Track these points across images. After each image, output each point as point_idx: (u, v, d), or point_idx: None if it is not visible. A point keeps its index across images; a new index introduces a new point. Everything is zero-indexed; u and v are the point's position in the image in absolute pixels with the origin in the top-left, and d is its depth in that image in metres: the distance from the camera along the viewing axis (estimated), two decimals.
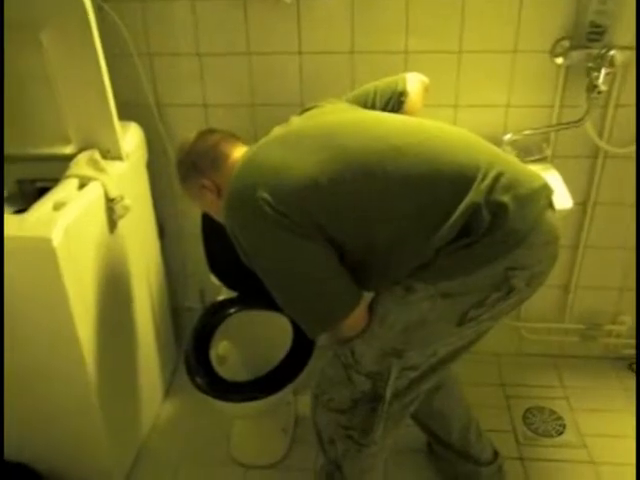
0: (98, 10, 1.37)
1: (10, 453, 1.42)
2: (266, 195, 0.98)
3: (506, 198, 0.95)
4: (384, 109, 1.22)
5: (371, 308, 1.07)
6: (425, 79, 1.30)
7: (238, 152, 1.13)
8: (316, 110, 1.18)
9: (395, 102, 1.23)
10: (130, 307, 1.51)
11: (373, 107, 1.22)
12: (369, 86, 1.27)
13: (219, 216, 1.19)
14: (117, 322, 1.45)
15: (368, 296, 1.08)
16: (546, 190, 1.02)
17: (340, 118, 1.11)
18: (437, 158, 0.99)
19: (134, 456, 1.57)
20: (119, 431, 1.48)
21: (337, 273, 1.01)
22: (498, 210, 0.95)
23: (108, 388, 1.39)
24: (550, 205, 1.03)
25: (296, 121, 1.15)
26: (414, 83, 1.25)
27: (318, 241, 0.99)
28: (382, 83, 1.26)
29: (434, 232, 0.96)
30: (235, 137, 1.20)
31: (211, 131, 1.21)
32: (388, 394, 1.09)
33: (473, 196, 0.95)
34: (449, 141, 1.04)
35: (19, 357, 1.28)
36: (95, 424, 1.38)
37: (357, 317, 1.04)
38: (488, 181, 0.96)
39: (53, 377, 1.31)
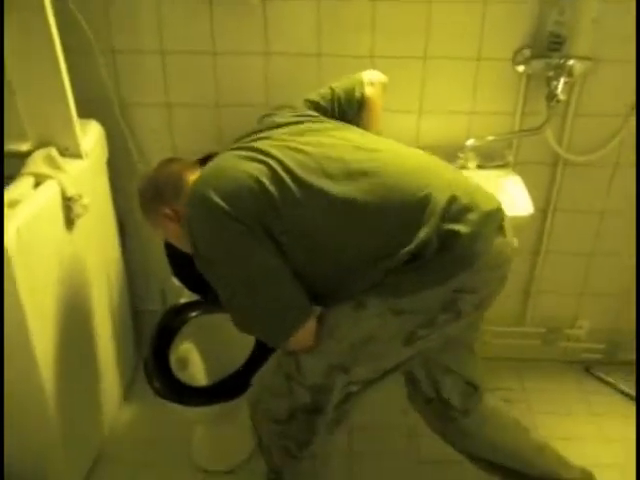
0: (56, 4, 1.33)
1: None
2: (219, 199, 0.99)
3: (457, 226, 0.97)
4: (343, 117, 1.23)
5: (320, 321, 1.06)
6: (383, 78, 1.30)
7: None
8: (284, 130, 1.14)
9: (354, 109, 1.24)
10: (88, 310, 1.47)
11: (333, 115, 1.22)
12: (327, 92, 1.26)
13: (181, 244, 1.20)
14: (74, 326, 1.41)
15: (317, 309, 1.08)
16: (499, 213, 1.03)
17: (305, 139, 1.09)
18: (389, 188, 1.00)
19: (92, 462, 1.53)
20: (76, 436, 1.44)
21: (289, 281, 1.01)
22: (448, 237, 0.97)
23: (64, 393, 1.35)
24: (502, 228, 1.03)
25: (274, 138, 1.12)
26: (372, 86, 1.26)
27: (269, 245, 0.99)
28: (340, 89, 1.26)
29: (384, 260, 0.98)
30: (197, 165, 1.18)
31: (172, 160, 1.23)
32: (329, 408, 1.09)
33: (426, 229, 0.96)
34: (402, 167, 1.04)
35: None
36: (51, 430, 1.34)
37: (306, 331, 1.03)
38: (440, 208, 0.97)
39: (6, 384, 1.26)
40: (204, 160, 1.52)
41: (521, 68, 1.46)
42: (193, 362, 1.48)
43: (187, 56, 1.54)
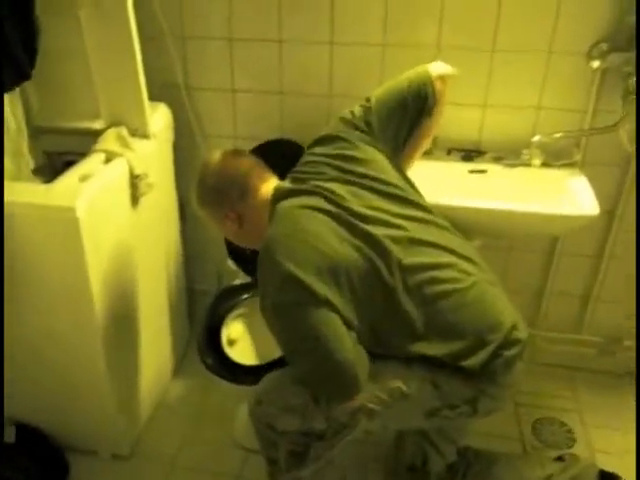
0: None
1: (22, 415, 1.46)
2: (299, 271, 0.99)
3: (507, 352, 1.04)
4: (413, 124, 1.19)
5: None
6: (452, 70, 1.22)
7: (268, 186, 1.13)
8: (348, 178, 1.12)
9: (425, 114, 1.19)
10: (146, 283, 1.53)
11: (400, 122, 1.18)
12: (394, 97, 1.18)
13: (237, 242, 1.23)
14: (132, 296, 1.47)
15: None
16: (527, 341, 1.10)
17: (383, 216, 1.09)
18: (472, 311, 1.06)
19: (140, 429, 1.60)
20: (127, 403, 1.51)
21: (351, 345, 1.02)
22: (495, 358, 1.04)
23: (118, 360, 1.41)
24: (522, 355, 1.09)
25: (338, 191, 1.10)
26: (442, 81, 1.19)
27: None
28: (409, 93, 1.17)
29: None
30: (262, 166, 1.18)
31: (238, 154, 1.20)
32: (337, 445, 1.10)
33: (485, 353, 1.03)
34: (481, 296, 1.08)
35: (36, 322, 1.32)
36: (103, 394, 1.41)
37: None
38: (502, 335, 1.05)
39: (66, 344, 1.34)
40: (264, 147, 1.56)
41: (596, 63, 1.40)
42: (242, 341, 1.52)
43: (254, 43, 1.57)
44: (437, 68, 1.19)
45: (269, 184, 1.14)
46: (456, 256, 1.09)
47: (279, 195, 1.10)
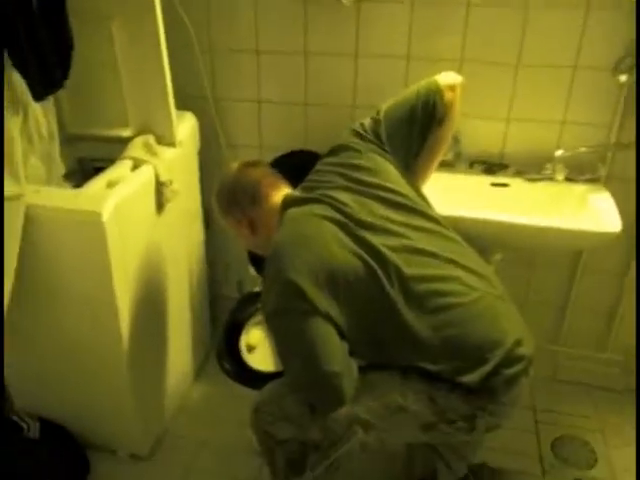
0: (165, 3, 1.44)
1: (48, 413, 1.51)
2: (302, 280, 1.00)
3: (508, 370, 1.02)
4: (423, 135, 1.19)
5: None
6: (460, 79, 1.20)
7: (278, 194, 1.16)
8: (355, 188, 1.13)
9: (435, 124, 1.19)
10: (169, 288, 1.56)
11: (410, 134, 1.18)
12: (403, 108, 1.18)
13: (252, 248, 1.27)
14: (155, 301, 1.50)
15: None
16: (532, 357, 1.08)
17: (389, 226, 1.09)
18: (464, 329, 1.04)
19: (160, 432, 1.63)
20: (147, 406, 1.54)
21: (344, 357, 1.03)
22: (495, 375, 1.02)
23: (140, 362, 1.44)
24: (527, 371, 1.07)
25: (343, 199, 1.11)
26: (452, 90, 1.18)
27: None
28: (417, 103, 1.17)
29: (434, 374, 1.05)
30: (275, 175, 1.22)
31: (253, 164, 1.25)
32: (333, 456, 1.09)
33: (487, 368, 1.02)
34: (486, 310, 1.07)
35: (61, 324, 1.36)
36: (125, 396, 1.44)
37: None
38: (505, 351, 1.03)
39: (91, 346, 1.38)
40: (286, 157, 1.59)
41: (623, 78, 1.38)
42: (262, 348, 1.53)
43: (280, 56, 1.60)
44: (446, 78, 1.19)
45: (280, 192, 1.17)
46: (462, 269, 1.08)
47: (288, 203, 1.13)
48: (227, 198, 1.21)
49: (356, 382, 1.04)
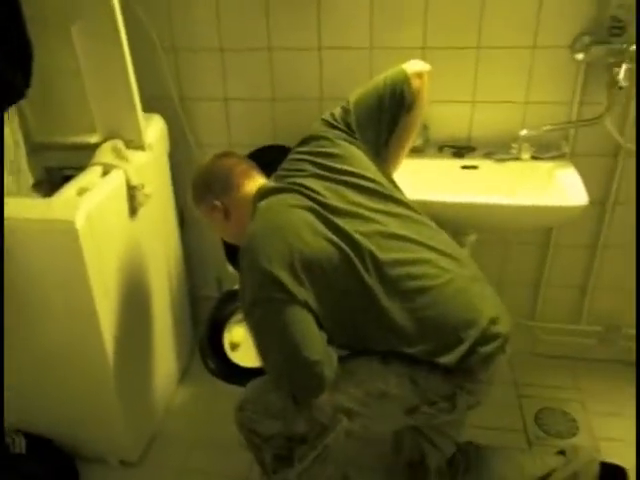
0: (124, 6, 1.42)
1: (32, 426, 1.49)
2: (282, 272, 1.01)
3: (484, 349, 1.05)
4: (392, 122, 1.21)
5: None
6: (428, 67, 1.23)
7: (251, 182, 1.18)
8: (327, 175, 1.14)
9: (404, 111, 1.20)
10: (148, 292, 1.56)
11: (379, 121, 1.20)
12: (371, 97, 1.20)
13: (226, 237, 1.28)
14: (135, 306, 1.50)
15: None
16: (509, 334, 1.10)
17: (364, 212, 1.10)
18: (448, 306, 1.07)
19: (149, 437, 1.62)
20: (135, 412, 1.53)
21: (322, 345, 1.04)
22: (471, 354, 1.05)
23: (125, 370, 1.43)
24: (503, 348, 1.09)
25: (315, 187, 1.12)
26: (419, 78, 1.20)
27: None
28: (385, 91, 1.18)
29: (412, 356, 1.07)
30: (248, 163, 1.24)
31: (228, 154, 1.27)
32: (320, 447, 1.10)
33: (462, 348, 1.04)
34: (462, 289, 1.09)
35: (41, 335, 1.34)
36: (112, 403, 1.43)
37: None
38: (480, 330, 1.05)
39: (72, 356, 1.37)
40: (258, 153, 1.59)
41: (580, 56, 1.42)
42: (245, 345, 1.54)
43: (244, 52, 1.60)
44: (413, 66, 1.21)
45: (254, 182, 1.18)
46: (434, 252, 1.10)
47: (261, 194, 1.14)
48: (201, 186, 1.23)
49: (336, 368, 1.05)
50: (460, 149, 1.58)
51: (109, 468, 1.55)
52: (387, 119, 1.20)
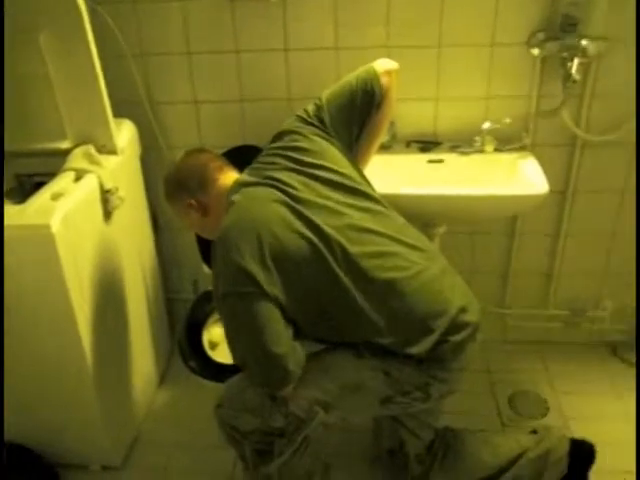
0: (92, 12, 1.43)
1: (11, 436, 1.46)
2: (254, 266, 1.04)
3: (453, 337, 1.09)
4: (363, 119, 1.24)
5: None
6: (396, 65, 1.27)
7: (225, 177, 1.19)
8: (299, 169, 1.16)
9: (374, 107, 1.24)
10: (125, 295, 1.56)
11: (351, 118, 1.23)
12: (343, 94, 1.23)
13: (203, 233, 1.28)
14: (113, 310, 1.50)
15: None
16: (479, 322, 1.14)
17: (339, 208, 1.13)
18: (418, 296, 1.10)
19: (130, 441, 1.62)
20: (115, 416, 1.53)
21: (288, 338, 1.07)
22: (442, 343, 1.08)
23: (104, 374, 1.44)
24: (474, 336, 1.14)
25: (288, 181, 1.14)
26: (388, 75, 1.24)
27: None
28: (357, 89, 1.22)
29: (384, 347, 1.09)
30: (221, 159, 1.25)
31: (199, 151, 1.28)
32: (298, 440, 1.14)
33: (433, 338, 1.08)
34: (429, 280, 1.12)
35: (18, 342, 1.33)
36: (92, 409, 1.43)
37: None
38: (449, 319, 1.09)
39: (51, 362, 1.36)
40: (229, 153, 1.61)
41: (536, 51, 1.49)
42: (225, 344, 1.55)
43: (212, 55, 1.62)
44: (382, 64, 1.25)
45: (228, 176, 1.19)
46: (403, 245, 1.13)
47: (235, 188, 1.15)
48: (175, 184, 1.23)
49: (302, 363, 1.08)
50: (426, 144, 1.63)
51: (92, 474, 1.54)
52: (358, 115, 1.24)
